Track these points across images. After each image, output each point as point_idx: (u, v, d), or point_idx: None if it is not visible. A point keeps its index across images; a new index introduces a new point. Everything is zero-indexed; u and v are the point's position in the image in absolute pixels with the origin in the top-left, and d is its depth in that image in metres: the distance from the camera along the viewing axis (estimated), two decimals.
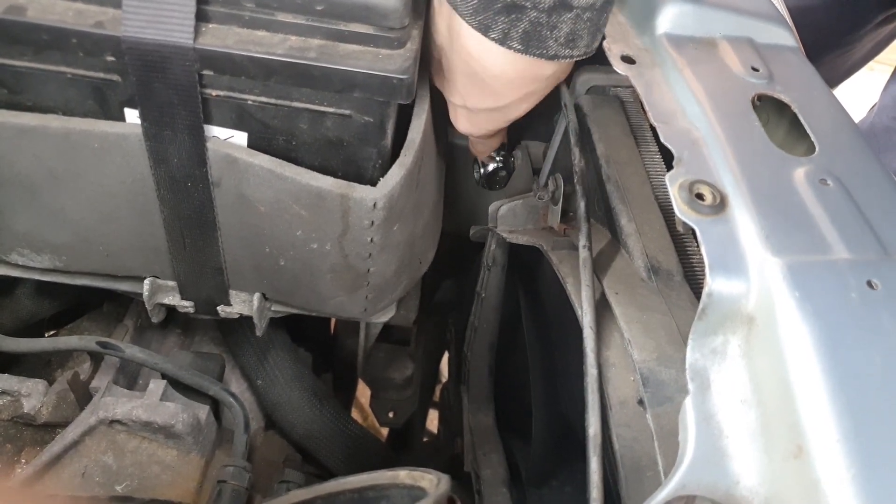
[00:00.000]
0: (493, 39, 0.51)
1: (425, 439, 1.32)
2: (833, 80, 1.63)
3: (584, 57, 0.54)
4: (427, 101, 0.60)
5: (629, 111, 0.70)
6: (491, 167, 0.77)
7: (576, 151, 0.62)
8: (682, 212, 0.43)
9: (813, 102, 0.53)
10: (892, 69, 1.43)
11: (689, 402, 0.39)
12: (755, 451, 0.37)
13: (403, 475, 0.39)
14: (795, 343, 0.38)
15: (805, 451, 0.34)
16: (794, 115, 0.53)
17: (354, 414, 1.47)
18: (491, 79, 0.56)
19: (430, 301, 1.11)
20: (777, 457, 0.36)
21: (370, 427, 1.38)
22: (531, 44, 0.51)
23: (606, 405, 0.49)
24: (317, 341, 1.01)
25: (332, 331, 1.11)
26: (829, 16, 1.44)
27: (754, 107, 0.52)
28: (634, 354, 0.50)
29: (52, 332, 0.89)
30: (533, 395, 0.75)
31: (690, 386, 0.40)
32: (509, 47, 0.51)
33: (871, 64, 1.65)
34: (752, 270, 0.41)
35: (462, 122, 0.65)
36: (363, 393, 1.22)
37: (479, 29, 0.51)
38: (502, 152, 0.78)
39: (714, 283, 0.41)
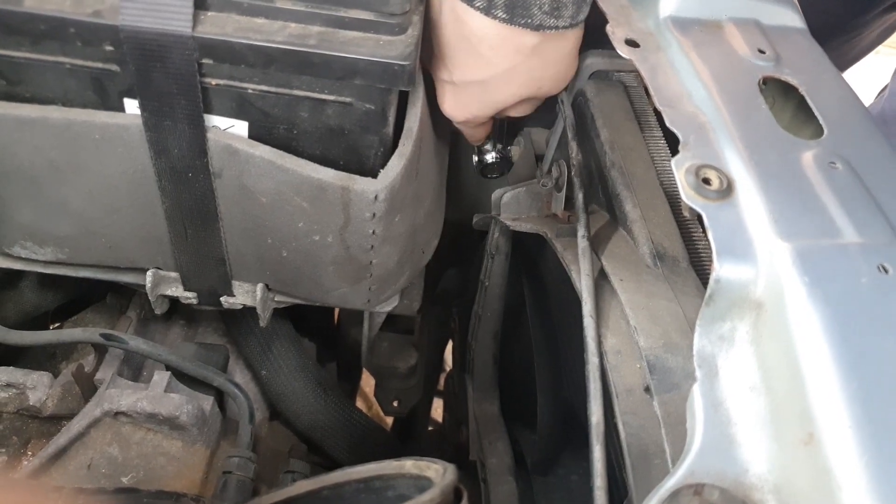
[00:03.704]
0: (477, 8, 0.51)
1: (430, 428, 1.32)
2: (839, 66, 1.61)
3: (569, 28, 0.53)
4: (422, 88, 0.59)
5: (633, 96, 0.69)
6: (489, 159, 0.76)
7: (573, 146, 0.61)
8: (689, 197, 0.43)
9: (821, 84, 0.53)
10: None
11: (696, 390, 0.39)
12: (764, 439, 0.37)
13: (409, 465, 0.39)
14: (805, 329, 0.37)
15: (816, 439, 0.34)
16: (801, 97, 0.52)
17: (359, 403, 1.48)
18: (477, 44, 0.55)
19: (434, 290, 1.11)
20: (787, 444, 0.36)
21: (375, 416, 1.38)
22: (516, 12, 0.51)
23: (612, 393, 0.49)
24: (321, 331, 1.01)
25: (335, 320, 1.11)
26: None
27: (761, 89, 0.52)
28: (640, 341, 0.49)
29: (56, 325, 0.89)
30: (538, 383, 0.75)
31: (698, 373, 0.39)
32: (494, 17, 0.51)
33: (878, 48, 1.63)
34: (760, 255, 0.41)
35: (448, 103, 0.63)
36: (368, 382, 1.22)
37: None
38: (499, 145, 0.76)
39: (721, 269, 0.41)
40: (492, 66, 0.57)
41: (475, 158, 0.77)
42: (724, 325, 0.41)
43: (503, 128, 0.76)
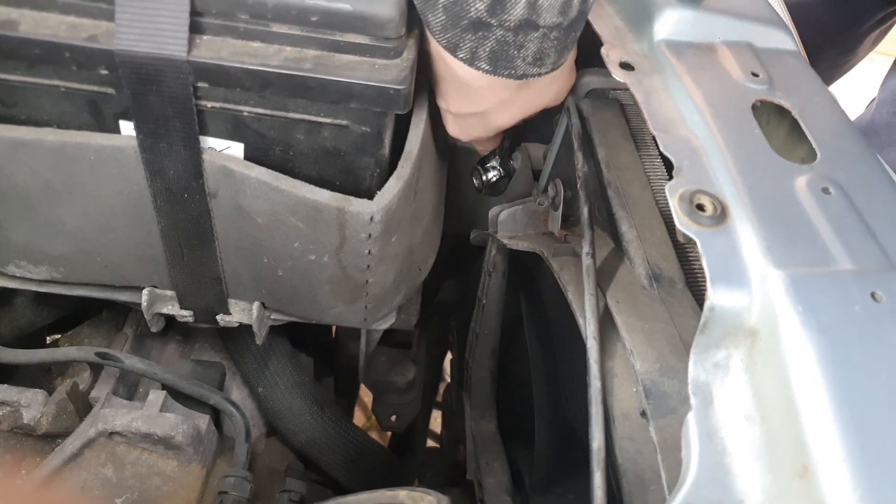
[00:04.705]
0: (461, 59, 0.51)
1: (429, 441, 1.31)
2: (831, 77, 1.62)
3: (551, 72, 0.54)
4: (425, 111, 0.60)
5: (629, 115, 0.69)
6: (491, 175, 0.76)
7: (579, 156, 0.61)
8: (683, 223, 0.43)
9: (814, 108, 0.53)
10: (891, 60, 1.42)
11: (691, 418, 0.39)
12: (759, 470, 0.37)
13: (403, 495, 0.39)
14: (799, 358, 0.37)
15: (810, 471, 0.34)
16: (794, 119, 0.52)
17: (357, 415, 1.47)
18: (465, 87, 0.56)
19: (432, 302, 1.11)
20: (782, 476, 0.36)
21: (374, 427, 1.38)
22: (499, 63, 0.51)
23: (609, 417, 0.49)
24: (318, 345, 1.01)
25: (333, 335, 1.10)
26: (827, 11, 1.43)
27: (754, 112, 0.52)
28: (637, 365, 0.49)
29: (53, 337, 0.89)
30: (535, 401, 0.74)
31: (693, 401, 0.39)
32: (478, 68, 0.51)
33: (871, 55, 1.64)
34: (754, 283, 0.41)
35: (451, 127, 0.65)
36: (366, 394, 1.22)
37: (447, 48, 0.51)
38: (500, 159, 0.76)
39: (716, 297, 0.41)
40: (483, 103, 0.58)
41: (479, 179, 0.76)
42: (719, 352, 0.40)
43: (503, 144, 0.76)
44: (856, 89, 1.69)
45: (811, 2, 1.42)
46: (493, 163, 0.76)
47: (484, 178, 0.76)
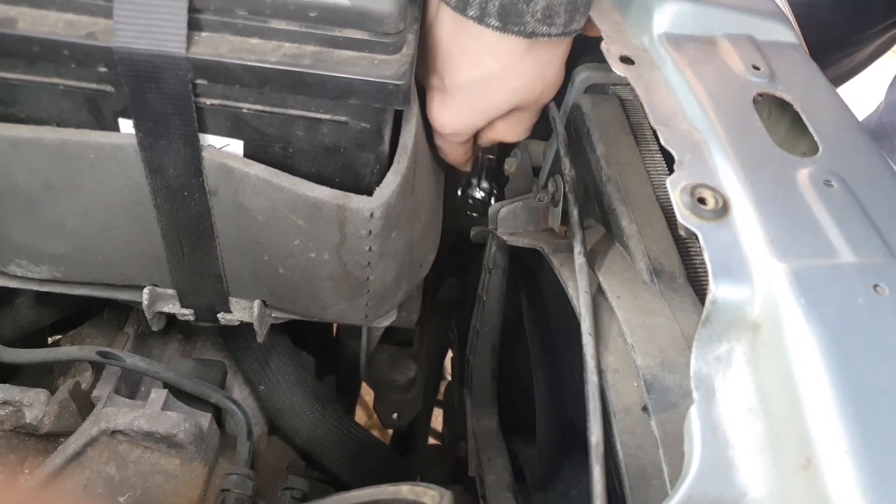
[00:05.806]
0: (470, 17, 0.51)
1: (430, 438, 1.31)
2: (836, 80, 1.61)
3: (562, 37, 0.54)
4: (416, 104, 0.59)
5: (629, 110, 0.69)
6: (477, 194, 0.76)
7: (566, 162, 0.61)
8: (685, 217, 0.43)
9: (815, 100, 0.53)
10: None
11: (694, 412, 0.39)
12: (762, 463, 0.37)
13: (406, 490, 0.39)
14: (802, 351, 0.37)
15: (813, 464, 0.34)
16: (796, 113, 0.52)
17: (359, 413, 1.47)
18: (470, 47, 0.55)
19: (433, 300, 1.11)
20: (785, 469, 0.36)
21: (375, 426, 1.38)
22: (509, 19, 0.51)
23: (610, 412, 0.49)
24: (319, 343, 1.01)
25: (333, 333, 1.10)
26: (834, 14, 1.42)
27: (755, 106, 0.51)
28: (638, 360, 0.49)
29: (54, 338, 0.89)
30: (537, 398, 0.74)
31: (695, 395, 0.39)
32: (487, 25, 0.52)
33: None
34: (756, 276, 0.41)
35: (437, 110, 0.62)
36: (368, 392, 1.22)
37: (456, 8, 0.51)
38: (485, 183, 0.77)
39: (718, 290, 0.40)
40: (484, 66, 0.57)
41: (466, 205, 0.77)
42: (721, 346, 0.40)
43: (489, 167, 0.76)
44: (861, 91, 1.68)
45: (817, 3, 1.41)
46: (476, 180, 0.77)
47: (465, 191, 0.77)
